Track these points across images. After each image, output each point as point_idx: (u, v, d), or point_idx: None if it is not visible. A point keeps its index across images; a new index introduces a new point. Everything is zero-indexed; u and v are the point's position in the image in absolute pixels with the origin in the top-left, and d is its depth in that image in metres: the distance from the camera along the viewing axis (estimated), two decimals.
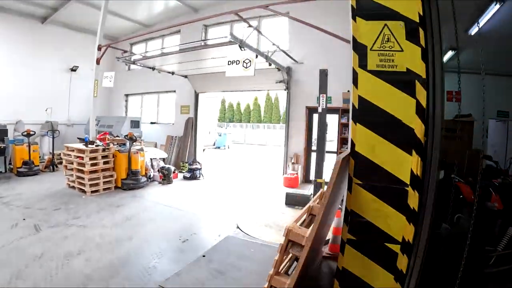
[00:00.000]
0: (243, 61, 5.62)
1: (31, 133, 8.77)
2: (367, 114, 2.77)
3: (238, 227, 5.37)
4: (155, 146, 11.85)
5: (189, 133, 11.36)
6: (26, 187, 7.27)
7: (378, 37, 2.77)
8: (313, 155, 10.85)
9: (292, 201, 6.99)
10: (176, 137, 11.42)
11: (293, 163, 9.78)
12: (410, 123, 2.61)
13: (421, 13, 2.59)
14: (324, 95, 7.50)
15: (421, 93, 2.58)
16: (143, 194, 7.25)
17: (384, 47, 2.72)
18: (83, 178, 6.64)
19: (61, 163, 8.50)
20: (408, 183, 2.59)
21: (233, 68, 5.68)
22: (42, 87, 11.37)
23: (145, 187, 7.89)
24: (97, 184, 6.83)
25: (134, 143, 7.84)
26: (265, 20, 10.54)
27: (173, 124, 12.02)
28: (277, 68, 9.26)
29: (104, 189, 7.00)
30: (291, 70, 9.86)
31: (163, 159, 9.99)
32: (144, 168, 8.13)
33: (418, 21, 2.60)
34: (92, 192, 6.70)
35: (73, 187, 7.00)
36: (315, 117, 10.40)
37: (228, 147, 23.20)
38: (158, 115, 12.78)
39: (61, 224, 4.89)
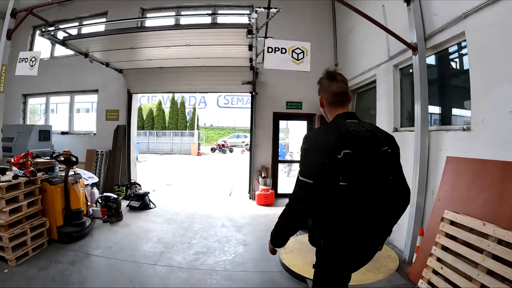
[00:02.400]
0: (292, 51, 3.88)
1: None
2: None
3: (292, 274, 3.87)
4: None
5: (121, 146, 8.60)
6: None
7: None
8: (280, 167, 9.51)
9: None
10: (102, 151, 8.49)
11: (264, 177, 8.26)
12: None
13: None
14: None
15: None
16: (97, 247, 4.63)
17: None
18: None
19: None
20: None
21: (277, 59, 3.87)
22: None
23: (91, 232, 5.21)
24: (23, 244, 3.95)
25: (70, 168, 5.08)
26: (222, 11, 8.72)
27: (94, 134, 8.98)
28: (250, 66, 7.63)
29: (35, 249, 4.15)
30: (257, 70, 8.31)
31: (95, 184, 7.13)
32: (84, 203, 5.40)
33: None
34: (17, 258, 3.81)
35: None
36: (281, 124, 9.17)
37: (137, 159, 19.82)
38: (72, 123, 9.41)
39: None
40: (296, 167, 12.24)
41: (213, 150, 27.82)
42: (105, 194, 6.44)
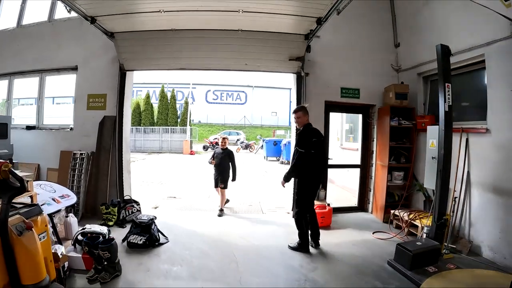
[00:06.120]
0: None
1: None
2: None
3: None
4: (37, 171, 5.99)
5: (109, 146, 5.98)
6: None
7: None
8: (329, 172, 7.01)
9: (422, 261, 3.89)
10: (82, 154, 5.84)
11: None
12: None
13: None
14: (449, 84, 3.98)
15: None
16: None
17: None
18: None
19: None
20: None
21: None
22: None
23: None
24: None
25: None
26: None
27: (71, 128, 6.33)
28: (305, 35, 5.36)
29: None
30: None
31: (73, 207, 4.54)
32: (51, 260, 2.80)
33: None
34: None
35: None
36: (332, 116, 6.77)
37: None
38: (41, 114, 6.71)
39: None
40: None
41: (205, 148, 25.22)
42: (88, 228, 3.85)
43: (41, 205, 3.38)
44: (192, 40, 5.42)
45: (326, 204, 5.74)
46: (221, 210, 6.34)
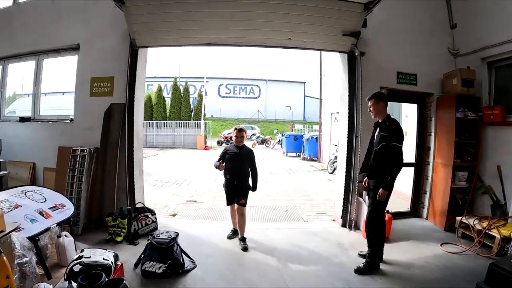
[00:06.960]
0: None
1: None
2: None
3: None
4: (33, 171, 4.93)
5: (117, 141, 4.82)
6: None
7: None
8: None
9: None
10: (83, 150, 4.71)
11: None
12: None
13: None
14: None
15: None
16: None
17: None
18: None
19: None
20: None
21: None
22: None
23: None
24: None
25: None
26: None
27: (71, 120, 5.23)
28: (365, 4, 4.28)
29: None
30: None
31: (70, 220, 3.42)
32: None
33: None
34: None
35: None
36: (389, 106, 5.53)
37: None
38: (37, 104, 5.64)
39: None
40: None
41: (219, 143, 24.12)
42: (87, 256, 2.70)
43: (16, 229, 2.26)
44: (225, 6, 4.20)
45: (385, 212, 4.55)
46: (243, 240, 4.25)
